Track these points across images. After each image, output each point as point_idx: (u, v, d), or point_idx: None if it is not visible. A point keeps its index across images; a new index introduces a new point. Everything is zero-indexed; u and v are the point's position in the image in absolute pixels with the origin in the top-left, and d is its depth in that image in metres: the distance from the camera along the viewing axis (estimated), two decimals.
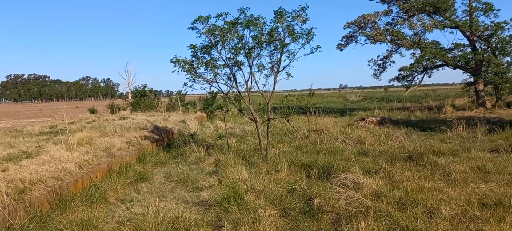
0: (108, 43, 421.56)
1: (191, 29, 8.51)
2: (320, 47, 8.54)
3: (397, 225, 4.66)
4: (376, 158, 8.64)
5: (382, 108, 24.95)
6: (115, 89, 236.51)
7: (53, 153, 8.25)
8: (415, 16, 21.14)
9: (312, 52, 8.53)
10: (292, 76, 8.64)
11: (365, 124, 15.84)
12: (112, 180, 7.76)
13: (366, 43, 23.25)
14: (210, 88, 9.96)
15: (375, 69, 25.36)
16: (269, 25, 8.35)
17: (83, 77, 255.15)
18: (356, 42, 24.02)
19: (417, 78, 23.68)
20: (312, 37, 8.31)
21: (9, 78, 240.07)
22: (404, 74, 23.44)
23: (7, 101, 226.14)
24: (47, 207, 5.90)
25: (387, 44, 23.04)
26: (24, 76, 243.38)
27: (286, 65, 8.67)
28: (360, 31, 23.22)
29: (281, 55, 8.54)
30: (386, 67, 24.82)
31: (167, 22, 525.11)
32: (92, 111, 26.63)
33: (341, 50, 24.99)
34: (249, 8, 8.34)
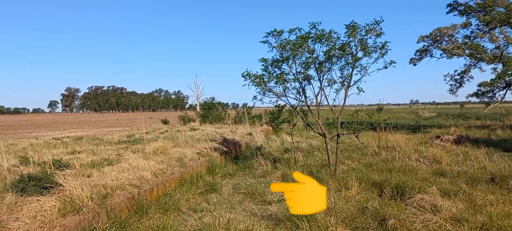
0: (179, 58, 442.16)
1: (263, 43, 8.62)
2: (394, 62, 8.24)
3: None
4: (454, 179, 8.11)
5: (459, 125, 23.40)
6: (185, 101, 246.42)
7: (131, 161, 8.73)
8: (497, 29, 19.75)
9: (386, 67, 8.24)
10: (363, 91, 8.40)
11: (440, 142, 14.98)
12: (184, 190, 8.01)
13: (442, 57, 22.08)
14: (276, 102, 10.00)
15: (451, 84, 23.94)
16: (342, 40, 8.22)
17: (156, 89, 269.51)
18: (431, 56, 22.91)
19: (499, 95, 21.95)
20: (387, 52, 8.04)
21: (91, 89, 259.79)
22: (484, 90, 21.83)
23: (88, 111, 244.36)
24: (126, 213, 6.21)
25: (465, 58, 21.70)
26: (104, 88, 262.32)
27: (358, 80, 8.47)
28: (435, 44, 22.13)
29: (352, 70, 8.35)
30: (464, 83, 23.35)
31: (233, 38, 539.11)
32: (165, 122, 27.88)
33: (414, 64, 23.94)
34: (321, 22, 8.29)
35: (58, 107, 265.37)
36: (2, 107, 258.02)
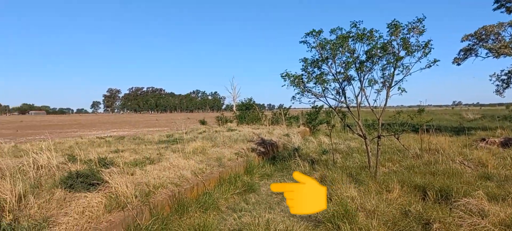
0: (215, 59, 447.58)
1: (302, 43, 8.57)
2: (438, 61, 7.97)
3: None
4: (501, 183, 7.73)
5: (505, 128, 22.32)
6: (221, 102, 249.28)
7: (172, 160, 8.91)
8: None
9: (429, 66, 7.97)
10: (406, 92, 8.17)
11: (485, 144, 14.33)
12: (223, 189, 8.08)
13: (488, 56, 21.16)
14: (314, 103, 9.91)
15: (497, 85, 22.91)
16: (385, 39, 8.04)
17: (193, 90, 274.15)
18: (476, 55, 22.00)
19: None
20: (430, 50, 7.77)
21: (131, 90, 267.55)
22: None
23: (128, 111, 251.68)
24: (167, 210, 6.34)
25: None
26: (143, 89, 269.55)
27: (400, 80, 8.24)
28: (480, 43, 21.24)
29: (394, 70, 8.14)
30: (511, 83, 22.30)
31: (269, 39, 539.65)
32: (202, 122, 28.27)
33: (458, 64, 23.08)
34: (362, 21, 8.15)
35: (100, 108, 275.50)
36: (48, 108, 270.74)
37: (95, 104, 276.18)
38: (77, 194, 5.78)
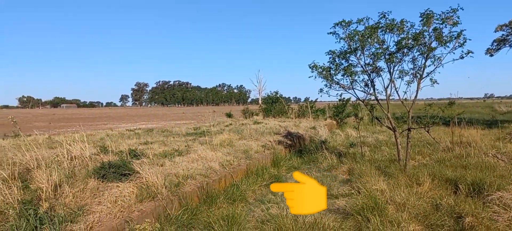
0: (241, 52, 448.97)
1: (331, 34, 8.48)
2: (471, 52, 7.72)
3: None
4: None
5: None
6: (247, 95, 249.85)
7: (200, 152, 9.04)
8: None
9: (462, 57, 7.74)
10: (437, 83, 7.97)
11: None
12: (250, 181, 8.13)
13: None
14: (341, 95, 9.81)
15: None
16: (416, 29, 7.86)
17: (219, 84, 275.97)
18: (510, 46, 21.24)
19: None
20: (465, 41, 7.54)
21: (158, 84, 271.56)
22: None
23: (155, 104, 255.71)
24: (196, 201, 6.45)
25: None
26: (170, 83, 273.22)
27: (431, 72, 8.05)
28: None
29: (426, 61, 7.95)
30: None
31: (295, 32, 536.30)
32: (229, 115, 28.43)
33: (491, 55, 22.31)
34: (391, 11, 8.00)
35: (128, 101, 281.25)
36: (79, 101, 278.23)
37: (123, 98, 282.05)
38: (109, 184, 5.95)
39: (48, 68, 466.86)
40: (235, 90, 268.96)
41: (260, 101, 43.33)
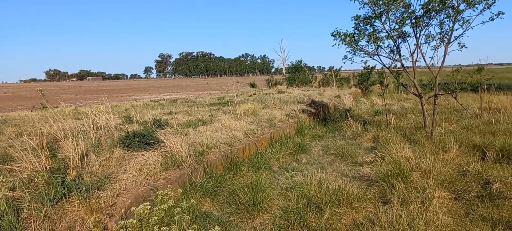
0: (264, 21, 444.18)
1: (354, 0, 8.29)
2: (502, 13, 7.41)
3: None
4: None
5: None
6: (271, 65, 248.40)
7: (223, 121, 9.12)
8: None
9: (492, 19, 7.43)
10: (466, 47, 7.72)
11: None
12: (274, 150, 8.19)
13: None
14: (366, 63, 9.65)
15: None
16: None
17: (242, 54, 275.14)
18: None
19: None
20: (494, 2, 7.23)
21: (181, 55, 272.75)
22: None
23: (179, 76, 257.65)
24: (220, 169, 6.57)
25: None
26: (193, 54, 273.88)
27: (459, 35, 7.79)
28: None
29: (453, 24, 7.69)
30: None
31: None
32: (252, 85, 28.46)
33: None
34: None
35: (152, 73, 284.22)
36: (104, 74, 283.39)
37: (147, 70, 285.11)
38: (134, 152, 6.10)
39: (74, 41, 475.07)
40: (259, 61, 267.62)
41: (283, 71, 43.00)
